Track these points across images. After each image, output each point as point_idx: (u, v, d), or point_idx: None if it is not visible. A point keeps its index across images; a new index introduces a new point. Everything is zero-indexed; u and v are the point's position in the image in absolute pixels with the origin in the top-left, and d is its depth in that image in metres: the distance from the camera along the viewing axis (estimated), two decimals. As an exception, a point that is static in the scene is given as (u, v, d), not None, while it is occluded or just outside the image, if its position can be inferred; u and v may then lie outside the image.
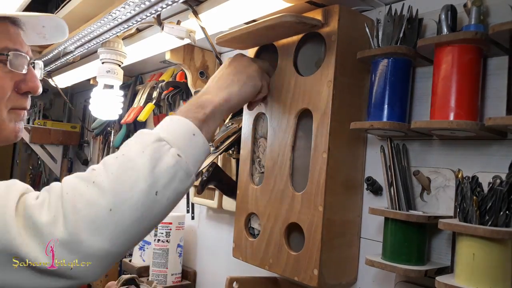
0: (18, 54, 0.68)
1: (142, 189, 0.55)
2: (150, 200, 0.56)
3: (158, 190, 0.56)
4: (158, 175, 0.57)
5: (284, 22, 0.75)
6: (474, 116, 0.64)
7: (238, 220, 0.93)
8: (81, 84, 1.90)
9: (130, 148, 0.60)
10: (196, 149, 0.63)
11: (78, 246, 0.52)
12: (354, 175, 0.83)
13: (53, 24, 0.76)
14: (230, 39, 0.85)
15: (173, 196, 0.59)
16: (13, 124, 0.70)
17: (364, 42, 0.77)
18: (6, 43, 0.68)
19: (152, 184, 0.56)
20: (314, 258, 0.75)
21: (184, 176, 0.59)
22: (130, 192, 0.55)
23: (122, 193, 0.55)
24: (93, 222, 0.53)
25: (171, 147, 0.59)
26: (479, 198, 0.60)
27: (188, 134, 0.63)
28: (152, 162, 0.57)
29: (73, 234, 0.52)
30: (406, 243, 0.70)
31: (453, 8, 0.69)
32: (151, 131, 0.62)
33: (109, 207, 0.54)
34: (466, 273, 0.59)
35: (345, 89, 0.78)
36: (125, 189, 0.55)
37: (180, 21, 1.07)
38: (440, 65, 0.67)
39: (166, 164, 0.58)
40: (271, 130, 0.87)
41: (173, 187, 0.58)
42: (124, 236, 0.55)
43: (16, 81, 0.69)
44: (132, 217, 0.55)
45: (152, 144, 0.59)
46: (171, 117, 0.66)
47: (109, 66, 1.28)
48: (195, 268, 1.36)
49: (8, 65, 0.67)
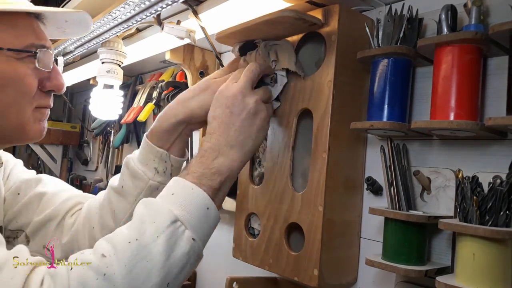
0: (44, 51, 0.65)
1: (156, 283, 0.52)
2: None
3: (170, 282, 0.54)
4: (172, 265, 0.54)
5: (283, 17, 0.75)
6: (474, 116, 0.64)
7: (238, 220, 0.93)
8: (81, 84, 1.90)
9: (144, 230, 0.55)
10: (209, 224, 0.60)
11: None
12: (354, 175, 0.83)
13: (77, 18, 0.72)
14: (230, 34, 0.84)
15: (183, 279, 0.57)
16: (38, 123, 0.67)
17: (364, 42, 0.77)
18: (32, 39, 0.64)
19: (166, 276, 0.53)
20: (314, 258, 0.75)
21: (195, 260, 0.58)
22: (143, 286, 0.52)
23: (135, 286, 0.52)
24: None
25: (186, 228, 0.56)
26: (479, 198, 0.60)
27: (203, 209, 0.59)
28: (167, 251, 0.54)
29: None
30: (406, 243, 0.70)
31: (453, 8, 0.69)
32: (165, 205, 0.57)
33: None
34: (466, 273, 0.59)
35: (345, 89, 0.78)
36: (138, 284, 0.52)
37: (180, 21, 1.07)
38: (440, 65, 0.67)
39: (181, 252, 0.55)
40: (271, 130, 0.87)
41: (184, 275, 0.56)
42: None
43: (40, 78, 0.66)
44: None
45: (167, 228, 0.55)
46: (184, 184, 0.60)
47: (109, 66, 1.28)
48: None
49: (37, 63, 0.64)
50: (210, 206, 0.60)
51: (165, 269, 0.53)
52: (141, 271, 0.52)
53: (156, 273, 0.52)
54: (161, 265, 0.53)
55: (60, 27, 0.73)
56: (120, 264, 0.52)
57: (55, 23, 0.72)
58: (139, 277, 0.52)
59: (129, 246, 0.53)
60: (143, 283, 0.52)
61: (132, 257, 0.53)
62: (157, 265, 0.53)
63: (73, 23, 0.73)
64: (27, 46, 0.63)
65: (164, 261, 0.53)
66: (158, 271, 0.53)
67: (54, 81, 0.68)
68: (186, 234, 0.56)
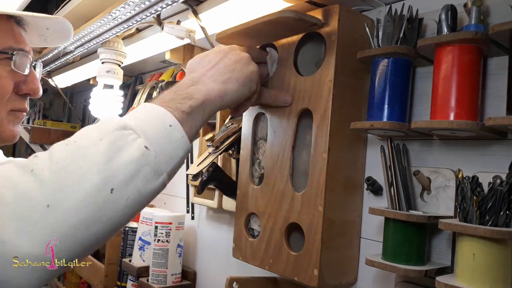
0: (22, 54, 0.66)
1: (93, 183, 0.45)
2: (103, 198, 0.45)
3: (115, 188, 0.46)
4: (116, 168, 0.46)
5: (283, 18, 0.75)
6: (474, 116, 0.64)
7: (238, 220, 0.93)
8: (81, 84, 1.90)
9: (86, 134, 0.50)
10: (171, 143, 0.52)
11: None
12: (354, 175, 0.83)
13: (58, 26, 0.72)
14: (230, 35, 0.85)
15: (135, 196, 0.48)
16: (11, 126, 0.67)
17: (364, 42, 0.77)
18: (11, 42, 0.65)
19: (107, 178, 0.46)
20: (314, 258, 0.75)
21: (150, 174, 0.49)
22: (77, 186, 0.45)
23: (66, 186, 0.45)
24: (22, 220, 0.43)
25: (138, 137, 0.50)
26: (479, 198, 0.60)
27: (163, 124, 0.52)
28: (110, 152, 0.47)
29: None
30: (406, 243, 0.70)
31: (453, 8, 0.69)
32: (116, 117, 0.53)
33: (47, 203, 0.43)
34: (466, 273, 0.59)
35: (345, 89, 0.78)
36: (70, 182, 0.45)
37: (180, 21, 1.07)
38: (440, 65, 0.67)
39: (128, 156, 0.48)
40: (271, 130, 0.87)
41: (134, 185, 0.48)
42: (65, 241, 0.44)
43: (16, 81, 0.67)
44: (76, 217, 0.44)
45: (113, 132, 0.49)
46: (145, 104, 0.55)
47: (109, 66, 1.28)
48: (195, 268, 1.36)
49: (12, 65, 0.65)
50: (174, 124, 0.53)
51: (106, 172, 0.46)
52: (75, 169, 0.46)
53: (93, 174, 0.45)
54: (102, 165, 0.46)
55: (41, 35, 0.74)
56: (52, 162, 0.46)
57: (37, 30, 0.72)
58: (72, 176, 0.45)
59: (66, 147, 0.48)
60: (78, 182, 0.45)
61: (66, 156, 0.47)
62: (95, 166, 0.46)
63: (54, 31, 0.73)
64: (4, 49, 0.64)
65: (104, 163, 0.46)
66: (96, 172, 0.46)
67: (30, 85, 0.68)
68: (137, 141, 0.49)
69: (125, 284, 1.44)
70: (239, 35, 0.85)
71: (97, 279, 1.56)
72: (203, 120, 0.60)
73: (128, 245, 1.47)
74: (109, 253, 1.53)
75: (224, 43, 0.90)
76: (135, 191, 0.48)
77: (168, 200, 1.56)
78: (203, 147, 1.26)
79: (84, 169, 0.46)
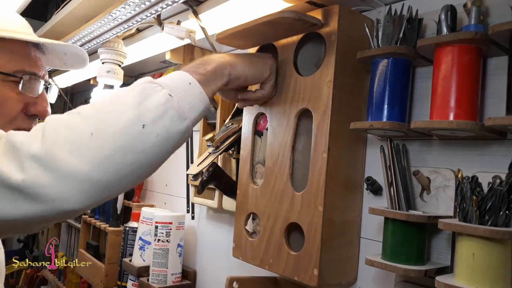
0: (32, 78, 0.70)
1: (128, 118, 0.53)
2: (136, 131, 0.54)
3: (146, 124, 0.54)
4: (146, 109, 0.55)
5: (283, 18, 0.75)
6: (474, 116, 0.65)
7: (238, 220, 0.93)
8: (81, 84, 1.91)
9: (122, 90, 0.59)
10: (192, 96, 0.61)
11: (53, 162, 0.50)
12: (354, 175, 0.83)
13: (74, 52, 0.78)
14: (230, 35, 0.85)
15: (164, 134, 0.56)
16: None
17: (364, 42, 0.77)
18: (24, 65, 0.69)
19: (139, 115, 0.54)
20: (314, 258, 0.75)
21: (176, 116, 0.57)
22: (114, 119, 0.53)
23: (106, 120, 0.53)
24: (73, 143, 0.51)
25: (163, 88, 0.58)
26: (479, 198, 0.60)
27: (184, 82, 0.61)
28: (141, 97, 0.56)
29: (50, 151, 0.50)
30: (406, 243, 0.70)
31: (453, 8, 0.69)
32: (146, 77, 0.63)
33: (91, 132, 0.52)
34: (466, 273, 0.59)
35: (345, 89, 0.78)
36: (110, 117, 0.54)
37: (180, 21, 1.07)
38: (440, 65, 0.67)
39: (156, 100, 0.56)
40: (271, 130, 0.87)
41: (163, 124, 0.55)
42: (107, 163, 0.52)
43: (26, 102, 0.70)
44: (115, 144, 0.52)
45: (143, 84, 0.58)
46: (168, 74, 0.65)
47: (109, 66, 1.28)
48: (195, 268, 1.36)
49: (20, 87, 0.68)
50: (193, 82, 0.62)
51: (138, 111, 0.54)
52: (113, 109, 0.55)
53: (127, 112, 0.54)
54: (134, 106, 0.55)
55: (61, 59, 0.80)
56: (94, 105, 0.56)
57: (56, 54, 0.78)
58: (110, 113, 0.54)
59: (106, 97, 0.58)
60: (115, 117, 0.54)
61: (106, 101, 0.56)
62: (129, 106, 0.55)
63: (71, 56, 0.79)
64: (16, 71, 0.68)
65: (136, 103, 0.55)
66: (131, 110, 0.54)
67: (38, 107, 0.72)
68: (162, 91, 0.58)
69: (125, 283, 1.44)
70: (239, 35, 0.85)
71: (98, 279, 1.56)
72: (216, 85, 0.68)
73: (128, 244, 1.47)
74: (110, 252, 1.53)
75: (224, 43, 0.90)
76: (163, 129, 0.56)
77: (169, 200, 1.56)
78: (203, 147, 1.26)
79: (120, 109, 0.55)
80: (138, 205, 1.59)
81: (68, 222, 2.17)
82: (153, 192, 1.68)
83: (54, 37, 1.43)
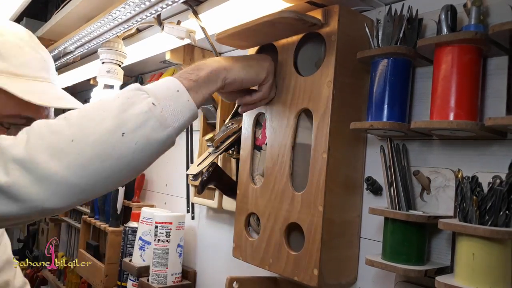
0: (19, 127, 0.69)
1: (107, 127, 0.56)
2: (115, 139, 0.56)
3: (125, 132, 0.56)
4: (127, 117, 0.57)
5: (283, 18, 0.75)
6: (474, 116, 0.64)
7: (238, 220, 0.93)
8: (81, 84, 1.90)
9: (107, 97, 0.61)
10: (178, 104, 0.62)
11: (33, 165, 0.52)
12: (354, 175, 0.83)
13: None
14: (230, 35, 0.85)
15: (143, 141, 0.57)
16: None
17: (364, 42, 0.77)
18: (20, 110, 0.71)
19: (119, 124, 0.56)
20: (314, 258, 0.75)
21: (156, 125, 0.58)
22: (95, 128, 0.56)
23: (87, 127, 0.56)
24: (53, 148, 0.54)
25: (149, 96, 0.59)
26: (479, 198, 0.60)
27: (171, 89, 0.63)
28: (123, 106, 0.58)
29: (31, 155, 0.53)
30: (406, 243, 0.70)
31: (453, 8, 0.69)
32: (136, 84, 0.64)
33: (72, 138, 0.54)
34: (466, 273, 0.59)
35: (345, 89, 0.78)
36: (91, 125, 0.56)
37: (180, 21, 1.07)
38: (440, 65, 0.67)
39: (138, 109, 0.58)
40: (271, 130, 0.87)
41: (143, 133, 0.57)
42: (85, 169, 0.54)
43: None
44: (93, 151, 0.55)
45: (129, 91, 0.60)
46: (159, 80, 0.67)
47: (109, 66, 1.28)
48: (195, 268, 1.37)
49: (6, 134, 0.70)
50: (181, 89, 0.63)
51: (119, 120, 0.57)
52: (96, 116, 0.57)
53: (108, 120, 0.56)
54: (116, 114, 0.57)
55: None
56: (80, 112, 0.58)
57: None
58: (93, 120, 0.57)
59: (91, 104, 0.60)
60: (96, 125, 0.56)
61: (91, 108, 0.59)
62: (112, 114, 0.57)
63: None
64: (9, 116, 0.71)
65: (118, 113, 0.57)
66: (112, 118, 0.56)
67: None
68: (147, 99, 0.59)
69: (125, 284, 1.44)
70: (239, 35, 0.85)
71: (98, 279, 1.56)
72: (208, 90, 0.69)
73: (128, 245, 1.47)
74: (109, 253, 1.53)
75: (224, 43, 0.90)
76: (143, 137, 0.58)
77: (168, 200, 1.56)
78: (203, 147, 1.26)
79: (102, 116, 0.57)
80: (138, 205, 1.59)
81: (68, 222, 2.17)
82: (153, 192, 1.68)
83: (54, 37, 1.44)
